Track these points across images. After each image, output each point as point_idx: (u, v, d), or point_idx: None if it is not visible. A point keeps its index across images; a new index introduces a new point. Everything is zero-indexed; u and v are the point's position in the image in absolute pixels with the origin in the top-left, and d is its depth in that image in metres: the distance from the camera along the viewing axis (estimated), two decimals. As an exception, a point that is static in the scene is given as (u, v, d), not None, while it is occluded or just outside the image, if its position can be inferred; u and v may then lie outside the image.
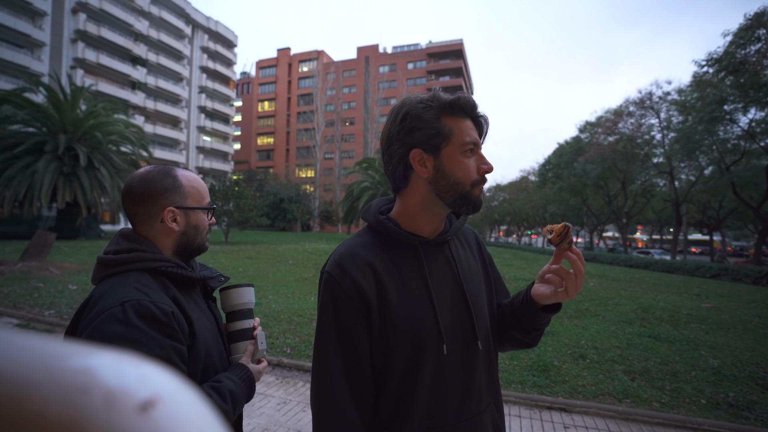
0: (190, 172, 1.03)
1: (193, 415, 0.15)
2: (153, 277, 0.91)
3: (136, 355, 0.70)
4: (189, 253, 1.02)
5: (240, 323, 1.06)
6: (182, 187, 0.98)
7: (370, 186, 25.78)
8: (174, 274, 0.93)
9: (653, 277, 11.97)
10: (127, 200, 0.95)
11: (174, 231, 0.97)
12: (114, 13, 33.91)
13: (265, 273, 9.36)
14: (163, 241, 0.97)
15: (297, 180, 48.86)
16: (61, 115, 17.67)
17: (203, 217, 1.02)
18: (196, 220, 1.00)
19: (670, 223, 39.46)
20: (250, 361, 1.04)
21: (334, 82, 54.39)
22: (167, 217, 0.95)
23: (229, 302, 1.07)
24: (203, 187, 1.03)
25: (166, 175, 0.97)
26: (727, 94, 16.78)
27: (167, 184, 0.96)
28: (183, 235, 0.99)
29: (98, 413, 0.13)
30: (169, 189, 0.96)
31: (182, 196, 0.98)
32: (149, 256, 0.92)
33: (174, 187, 0.97)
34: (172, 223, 0.96)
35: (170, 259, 0.94)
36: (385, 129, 0.91)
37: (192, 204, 0.99)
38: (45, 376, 0.13)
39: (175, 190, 0.97)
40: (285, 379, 3.70)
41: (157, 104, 37.99)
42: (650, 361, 4.04)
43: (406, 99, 0.90)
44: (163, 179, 0.96)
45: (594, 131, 29.12)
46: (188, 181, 1.00)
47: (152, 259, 0.92)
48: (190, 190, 0.99)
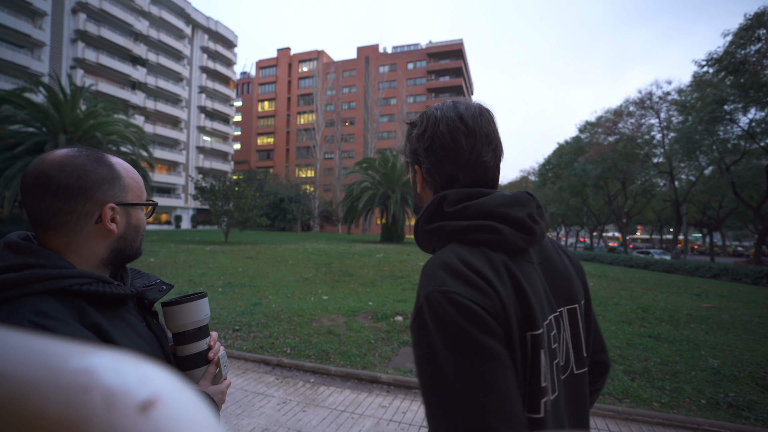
0: (122, 160, 0.81)
1: (193, 415, 0.15)
2: (61, 301, 0.66)
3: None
4: (122, 261, 0.81)
5: (192, 346, 0.85)
6: (121, 178, 0.76)
7: (370, 186, 25.78)
8: (93, 294, 0.70)
9: (653, 277, 11.97)
10: (41, 194, 0.69)
11: (112, 233, 0.75)
12: (114, 13, 33.93)
13: (265, 273, 9.36)
14: (93, 248, 0.75)
15: (297, 180, 48.86)
16: (61, 115, 17.68)
17: (142, 215, 0.82)
18: (137, 219, 0.80)
19: (670, 223, 39.46)
20: (210, 384, 0.86)
21: (334, 82, 54.41)
22: (106, 216, 0.73)
23: (176, 322, 0.83)
24: (141, 180, 0.83)
25: (101, 162, 0.74)
26: (727, 94, 16.79)
27: (104, 174, 0.74)
28: (121, 239, 0.77)
29: (98, 413, 0.13)
30: (107, 180, 0.74)
31: (122, 190, 0.76)
32: (52, 273, 0.66)
33: (112, 177, 0.75)
34: (111, 224, 0.74)
35: (84, 273, 0.70)
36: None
37: (133, 199, 0.78)
38: (45, 376, 0.13)
39: (113, 181, 0.75)
40: (285, 379, 3.70)
41: (157, 104, 38.00)
42: (650, 361, 4.05)
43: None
44: (98, 167, 0.74)
45: (594, 131, 29.16)
46: (126, 171, 0.78)
47: (57, 277, 0.67)
48: (130, 182, 0.78)
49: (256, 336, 4.65)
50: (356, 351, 4.23)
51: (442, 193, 0.74)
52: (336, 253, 13.88)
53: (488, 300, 0.61)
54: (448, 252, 0.67)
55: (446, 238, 0.71)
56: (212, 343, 0.89)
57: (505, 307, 0.62)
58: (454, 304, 0.59)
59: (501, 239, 0.68)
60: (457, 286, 0.61)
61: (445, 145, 0.75)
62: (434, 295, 0.61)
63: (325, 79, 53.44)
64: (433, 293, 0.61)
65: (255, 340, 4.55)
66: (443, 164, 0.76)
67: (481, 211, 0.70)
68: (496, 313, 0.61)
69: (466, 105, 0.78)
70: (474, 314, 0.59)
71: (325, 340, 4.50)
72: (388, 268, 10.45)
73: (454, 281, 0.62)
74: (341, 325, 5.08)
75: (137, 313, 0.82)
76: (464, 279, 0.62)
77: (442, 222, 0.72)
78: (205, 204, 20.36)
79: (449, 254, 0.67)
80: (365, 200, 24.76)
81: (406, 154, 0.84)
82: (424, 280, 0.65)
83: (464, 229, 0.69)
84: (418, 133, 0.79)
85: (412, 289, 7.62)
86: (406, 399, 3.39)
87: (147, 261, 10.39)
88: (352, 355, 4.13)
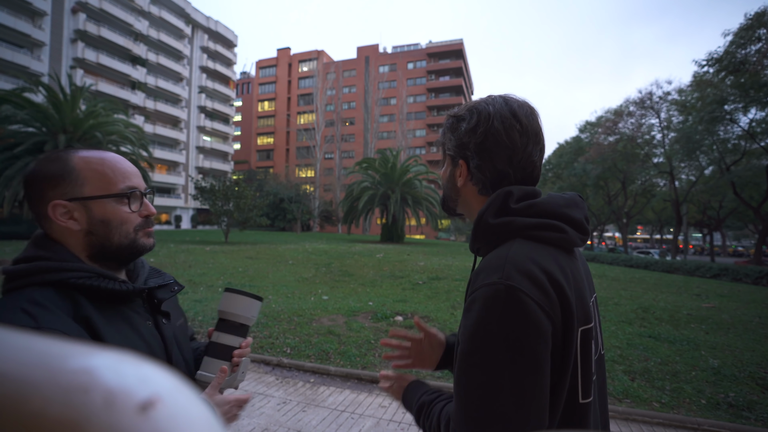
0: (98, 152, 0.78)
1: (192, 415, 0.15)
2: (59, 293, 0.70)
3: None
4: (113, 257, 0.78)
5: (226, 336, 0.88)
6: (74, 171, 0.74)
7: (370, 186, 25.75)
8: (89, 288, 0.72)
9: (653, 277, 11.97)
10: (25, 198, 0.76)
11: (73, 231, 0.75)
12: (114, 13, 33.92)
13: (265, 273, 9.36)
14: (72, 245, 0.76)
15: (297, 180, 48.84)
16: (61, 115, 17.67)
17: (116, 207, 0.77)
18: (102, 212, 0.76)
19: (670, 223, 39.46)
20: (217, 391, 0.83)
21: (334, 82, 54.39)
22: (55, 213, 0.73)
23: (226, 308, 0.89)
24: (114, 169, 0.77)
25: (54, 160, 0.75)
26: (727, 94, 16.78)
27: (52, 171, 0.74)
28: (90, 235, 0.76)
29: (98, 413, 0.13)
30: (55, 176, 0.73)
31: (75, 184, 0.74)
32: (52, 266, 0.71)
33: (62, 173, 0.74)
34: (66, 221, 0.74)
35: (84, 268, 0.73)
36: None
37: (91, 192, 0.75)
38: (45, 376, 0.13)
39: (64, 177, 0.74)
40: (285, 379, 3.70)
41: (157, 104, 38.00)
42: (650, 361, 4.04)
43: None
44: (48, 165, 0.74)
45: (594, 131, 29.15)
46: (87, 163, 0.75)
47: (56, 270, 0.71)
48: (89, 174, 0.75)
49: (256, 336, 4.65)
50: (356, 351, 4.23)
51: (507, 189, 0.74)
52: (336, 253, 13.88)
53: (548, 301, 0.63)
54: (517, 247, 0.68)
55: (511, 234, 0.72)
56: (243, 345, 0.90)
57: (567, 306, 0.65)
58: (516, 301, 0.61)
59: (566, 238, 0.71)
60: (522, 282, 0.62)
61: (501, 142, 0.75)
62: (499, 286, 0.62)
63: (325, 79, 53.43)
64: (498, 285, 0.63)
65: (255, 340, 4.55)
66: (495, 161, 0.76)
67: (545, 210, 0.72)
68: (554, 314, 0.63)
69: (518, 102, 0.78)
70: (533, 315, 0.61)
71: (325, 340, 4.49)
72: (388, 268, 10.45)
73: (521, 277, 0.63)
74: (341, 325, 5.08)
75: (144, 312, 0.82)
76: (530, 277, 0.63)
77: (509, 218, 0.72)
78: (205, 204, 20.35)
79: (518, 249, 0.68)
80: (365, 200, 24.74)
81: (449, 148, 0.82)
82: (489, 271, 0.65)
83: (532, 226, 0.71)
84: (468, 128, 0.77)
85: (412, 289, 7.62)
86: (406, 399, 3.39)
87: (147, 261, 10.38)
88: (352, 355, 4.13)
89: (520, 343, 0.60)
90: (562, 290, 0.65)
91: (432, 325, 5.09)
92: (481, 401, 0.61)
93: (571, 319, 0.65)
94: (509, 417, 0.59)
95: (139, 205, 0.80)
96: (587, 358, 0.68)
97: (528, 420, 0.60)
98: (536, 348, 0.61)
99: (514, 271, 0.64)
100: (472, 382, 0.62)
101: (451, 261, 12.44)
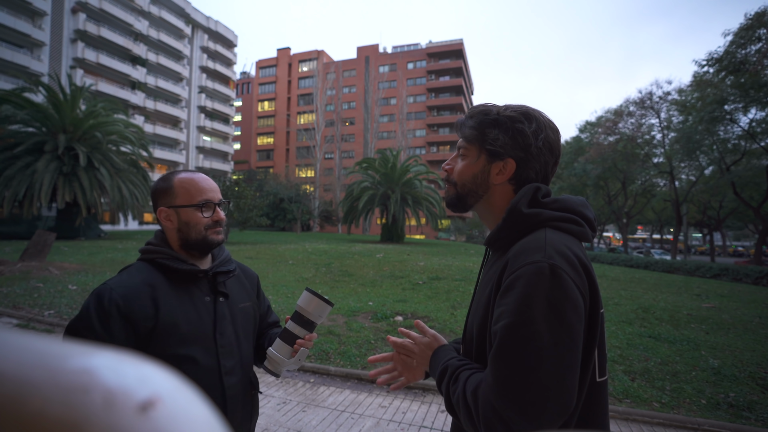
0: (192, 173, 1.11)
1: (193, 415, 0.15)
2: (150, 266, 1.05)
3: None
4: (193, 247, 1.09)
5: (295, 327, 1.10)
6: (172, 188, 1.08)
7: (370, 186, 25.73)
8: (161, 265, 1.04)
9: (653, 277, 11.96)
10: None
11: (170, 228, 1.09)
12: (114, 13, 33.88)
13: (265, 273, 9.36)
14: (170, 238, 1.10)
15: (297, 180, 48.80)
16: (61, 115, 17.65)
17: (195, 213, 1.07)
18: (186, 217, 1.07)
19: (670, 223, 39.45)
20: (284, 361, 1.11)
21: (334, 82, 54.35)
22: (161, 216, 1.08)
23: (303, 305, 1.11)
24: (196, 187, 1.09)
25: (163, 180, 1.10)
26: (727, 94, 16.78)
27: (160, 187, 1.09)
28: (179, 231, 1.08)
29: (98, 413, 0.13)
30: (161, 191, 1.09)
31: (172, 197, 1.07)
32: (150, 248, 1.08)
33: (165, 189, 1.08)
34: (166, 222, 1.08)
35: (164, 252, 1.06)
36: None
37: (180, 203, 1.07)
38: (45, 376, 0.13)
39: (166, 191, 1.08)
40: (285, 379, 3.70)
41: (157, 104, 37.97)
42: (650, 361, 4.04)
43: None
44: (159, 183, 1.10)
45: (594, 131, 29.14)
46: (180, 182, 1.08)
47: (152, 252, 1.07)
48: (180, 190, 1.08)
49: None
50: (356, 351, 4.23)
51: (536, 185, 0.83)
52: (336, 253, 13.87)
53: (582, 281, 0.71)
54: (550, 234, 0.76)
55: (539, 223, 0.79)
56: (307, 337, 1.11)
57: (594, 288, 0.73)
58: (559, 278, 0.68)
59: (584, 232, 0.82)
60: (563, 263, 0.70)
61: (554, 149, 0.86)
62: (542, 264, 0.69)
63: (325, 79, 53.39)
64: (542, 263, 0.69)
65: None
66: (541, 164, 0.85)
67: (567, 206, 0.82)
68: (586, 294, 0.71)
69: (549, 118, 0.88)
70: (573, 293, 0.68)
71: (325, 340, 4.49)
72: (388, 268, 10.45)
73: (561, 259, 0.70)
74: (341, 325, 5.08)
75: (208, 291, 1.10)
76: (568, 260, 0.71)
77: (538, 209, 0.80)
78: (205, 204, 20.30)
79: (552, 236, 0.76)
80: (365, 200, 24.71)
81: (498, 145, 0.84)
82: (531, 252, 0.72)
83: (558, 218, 0.80)
84: (531, 131, 0.83)
85: (412, 289, 7.61)
86: (406, 399, 3.39)
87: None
88: (352, 355, 4.13)
89: (563, 318, 0.67)
90: (590, 274, 0.73)
91: (432, 325, 5.09)
92: (525, 371, 0.65)
93: (598, 300, 0.73)
94: (549, 387, 0.64)
95: (212, 212, 1.10)
96: (603, 338, 0.76)
97: (564, 392, 0.65)
98: (575, 324, 0.67)
99: (554, 252, 0.71)
100: (517, 352, 0.67)
101: (451, 261, 12.43)
